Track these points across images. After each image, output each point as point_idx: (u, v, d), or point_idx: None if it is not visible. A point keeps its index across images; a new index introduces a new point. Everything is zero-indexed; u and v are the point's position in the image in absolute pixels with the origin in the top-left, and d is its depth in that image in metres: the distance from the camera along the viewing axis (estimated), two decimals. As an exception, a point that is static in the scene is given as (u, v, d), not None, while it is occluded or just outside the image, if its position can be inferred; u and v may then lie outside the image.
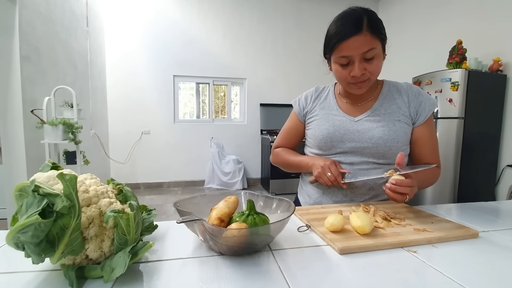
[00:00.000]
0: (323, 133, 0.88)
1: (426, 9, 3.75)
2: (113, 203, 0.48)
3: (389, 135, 0.83)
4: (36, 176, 0.47)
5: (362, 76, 0.79)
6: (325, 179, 0.78)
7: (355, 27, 0.75)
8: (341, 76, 0.82)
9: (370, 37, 0.75)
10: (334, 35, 0.78)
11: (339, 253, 0.54)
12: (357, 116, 0.88)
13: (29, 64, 2.27)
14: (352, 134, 0.86)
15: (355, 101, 0.91)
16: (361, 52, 0.76)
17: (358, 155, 0.86)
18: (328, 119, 0.90)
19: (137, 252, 0.44)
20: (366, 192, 0.88)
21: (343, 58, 0.78)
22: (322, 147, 0.89)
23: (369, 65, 0.78)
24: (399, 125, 0.85)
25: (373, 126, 0.85)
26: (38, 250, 0.39)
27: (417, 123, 0.87)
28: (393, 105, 0.87)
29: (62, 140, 2.12)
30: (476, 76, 2.65)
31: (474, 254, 0.56)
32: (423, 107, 0.86)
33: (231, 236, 0.47)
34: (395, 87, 0.91)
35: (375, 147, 0.83)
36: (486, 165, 2.83)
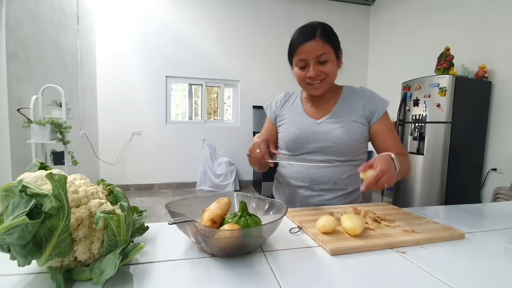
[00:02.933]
0: (290, 136, 0.98)
1: (416, 17, 3.85)
2: (104, 204, 0.47)
3: (347, 134, 0.93)
4: (23, 176, 0.46)
5: (317, 77, 0.90)
6: (254, 154, 0.83)
7: (310, 34, 0.88)
8: (299, 77, 0.93)
9: (322, 43, 0.87)
10: (293, 41, 0.91)
11: (330, 254, 0.54)
12: (320, 118, 0.98)
13: (16, 62, 2.21)
14: (316, 135, 0.95)
15: (318, 104, 1.01)
16: (315, 55, 0.87)
17: (322, 154, 0.95)
18: (294, 122, 1.00)
19: (127, 253, 0.44)
20: (331, 187, 0.96)
21: (300, 61, 0.90)
22: (290, 148, 0.99)
23: (323, 67, 0.89)
24: (356, 125, 0.95)
25: (333, 127, 0.94)
26: (25, 252, 0.38)
27: (373, 121, 0.97)
28: (351, 107, 0.97)
29: (49, 140, 2.07)
30: (463, 82, 2.72)
31: (461, 254, 0.57)
32: (376, 107, 0.97)
33: (223, 237, 0.47)
34: (353, 91, 1.02)
35: (336, 146, 0.93)
36: (472, 168, 2.91)
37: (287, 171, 1.01)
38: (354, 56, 4.83)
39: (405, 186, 3.14)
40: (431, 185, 2.84)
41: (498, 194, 2.60)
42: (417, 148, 2.96)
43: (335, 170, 0.94)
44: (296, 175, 0.98)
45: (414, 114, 3.01)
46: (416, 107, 2.99)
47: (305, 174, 0.96)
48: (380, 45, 4.64)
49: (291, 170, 0.99)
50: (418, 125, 2.93)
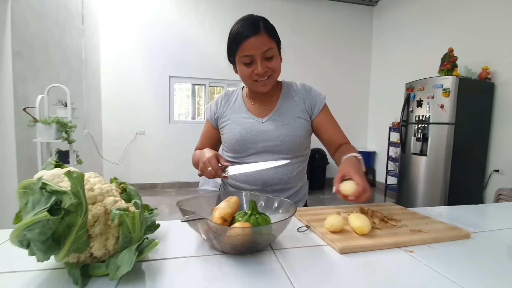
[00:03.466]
0: (236, 137, 0.94)
1: (419, 18, 3.84)
2: (118, 201, 0.48)
3: (293, 131, 0.92)
4: (40, 173, 0.47)
5: (265, 73, 0.86)
6: (207, 173, 0.80)
7: (254, 29, 0.84)
8: (245, 74, 0.88)
9: (267, 38, 0.84)
10: (237, 36, 0.85)
11: (339, 253, 0.55)
12: (264, 117, 0.96)
13: (21, 61, 2.23)
14: (262, 134, 0.93)
15: (260, 102, 0.99)
16: (261, 51, 0.84)
17: (271, 153, 0.93)
18: (239, 123, 0.96)
19: (142, 250, 0.45)
20: (283, 186, 0.95)
21: (246, 57, 0.85)
22: (237, 150, 0.95)
23: (269, 63, 0.86)
24: (299, 121, 0.94)
25: (278, 125, 0.93)
26: (45, 247, 0.39)
27: (314, 115, 0.97)
28: (292, 103, 0.97)
29: (55, 139, 2.08)
30: (466, 83, 2.72)
31: (467, 253, 0.58)
32: (315, 101, 0.97)
33: (235, 235, 0.48)
34: (291, 87, 1.01)
35: (283, 144, 0.92)
36: (475, 169, 2.90)
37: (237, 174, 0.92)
38: (357, 56, 4.83)
39: (408, 187, 3.14)
40: (434, 186, 2.84)
41: (500, 196, 2.60)
42: (420, 149, 2.96)
43: (285, 169, 0.93)
44: (246, 178, 0.93)
45: (417, 115, 3.01)
46: (420, 108, 2.99)
47: (257, 177, 0.92)
48: (383, 46, 4.63)
49: (242, 174, 0.91)
50: (422, 126, 2.93)
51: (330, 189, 4.50)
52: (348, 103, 4.84)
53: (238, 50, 0.85)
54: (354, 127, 4.88)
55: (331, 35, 4.67)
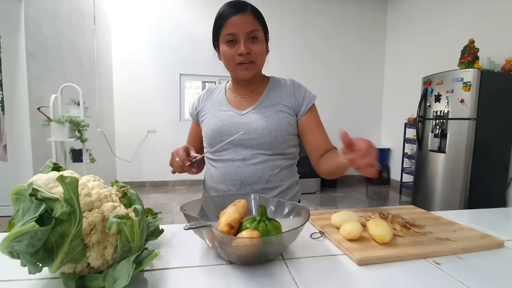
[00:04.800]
0: (212, 129, 0.89)
1: (436, 8, 3.66)
2: (117, 207, 0.45)
3: (273, 124, 0.86)
4: (35, 177, 0.44)
5: (248, 56, 0.82)
6: (175, 165, 0.77)
7: (240, 7, 0.81)
8: (228, 56, 0.83)
9: (252, 18, 0.82)
10: (221, 15, 0.83)
11: (357, 264, 0.50)
12: (245, 109, 0.91)
13: (36, 62, 2.27)
14: (239, 126, 0.87)
15: (243, 94, 0.93)
16: (246, 30, 0.80)
17: (248, 148, 0.86)
18: (216, 115, 0.92)
19: (141, 261, 0.41)
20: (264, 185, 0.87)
21: (229, 36, 0.81)
22: (212, 143, 0.89)
23: (253, 46, 0.82)
24: (282, 115, 0.88)
25: (258, 117, 0.87)
26: (35, 259, 0.36)
27: (301, 113, 0.90)
28: (277, 97, 0.91)
29: (68, 138, 2.11)
30: (489, 76, 2.57)
31: (501, 265, 0.52)
32: (304, 98, 0.91)
33: (242, 245, 0.44)
34: (279, 82, 0.96)
35: (261, 137, 0.85)
36: (498, 167, 2.75)
37: (213, 174, 0.91)
38: (370, 50, 4.68)
39: (425, 185, 3.01)
40: (453, 185, 2.71)
41: (527, 195, 2.44)
42: (438, 146, 2.83)
43: (265, 165, 0.85)
44: (224, 177, 0.87)
45: (435, 110, 2.88)
46: (438, 103, 2.86)
47: (234, 175, 0.86)
48: (398, 39, 4.46)
49: (218, 173, 0.89)
50: (440, 121, 2.80)
51: (342, 186, 4.40)
52: (361, 99, 4.71)
53: (221, 29, 0.82)
54: (367, 123, 4.75)
55: (342, 29, 4.54)
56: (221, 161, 0.88)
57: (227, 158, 0.87)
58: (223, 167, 0.88)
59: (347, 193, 4.07)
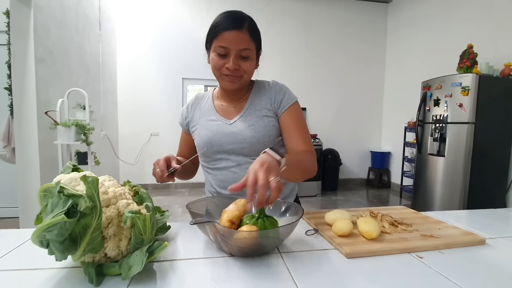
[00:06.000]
0: (204, 140, 0.91)
1: (436, 13, 3.72)
2: (130, 204, 0.50)
3: (260, 131, 0.87)
4: (59, 177, 0.50)
5: (235, 71, 0.83)
6: (156, 176, 0.79)
7: (238, 23, 0.81)
8: (216, 65, 0.85)
9: (248, 37, 0.82)
10: (218, 24, 0.83)
11: (347, 257, 0.55)
12: (232, 118, 0.92)
13: (44, 67, 2.34)
14: (228, 136, 0.89)
15: (230, 102, 0.95)
16: (239, 48, 0.81)
17: (240, 155, 0.89)
18: (206, 126, 0.93)
19: (153, 251, 0.47)
20: None
21: (221, 48, 0.82)
22: (205, 154, 0.91)
23: (243, 63, 0.83)
24: (267, 120, 0.89)
25: (245, 126, 0.89)
26: (62, 247, 0.42)
27: (279, 113, 0.91)
28: (262, 102, 0.92)
29: (74, 141, 2.17)
30: (487, 81, 2.61)
31: (481, 261, 0.56)
32: (284, 99, 0.91)
33: (242, 238, 0.49)
34: (263, 85, 0.96)
35: (251, 146, 0.87)
36: (497, 171, 2.78)
37: (212, 181, 0.93)
38: (371, 55, 4.74)
39: (425, 189, 3.05)
40: (453, 188, 2.74)
41: (525, 198, 2.47)
42: (437, 149, 2.87)
43: None
44: (223, 184, 0.89)
45: (434, 115, 2.92)
46: (437, 107, 2.90)
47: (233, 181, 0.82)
48: (398, 44, 4.52)
49: (217, 179, 0.91)
50: (439, 125, 2.84)
51: (343, 190, 4.44)
52: (362, 102, 4.76)
53: (215, 38, 0.82)
54: (368, 127, 4.79)
55: (343, 33, 4.60)
56: (217, 169, 0.90)
57: (223, 166, 0.89)
58: (220, 174, 0.90)
59: (347, 197, 4.11)
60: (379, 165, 4.59)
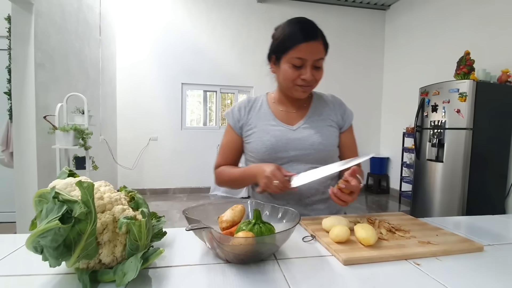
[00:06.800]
0: (266, 145, 0.88)
1: (433, 20, 3.77)
2: (126, 210, 0.50)
3: (327, 139, 0.89)
4: (54, 183, 0.49)
5: (310, 81, 0.83)
6: (273, 188, 0.76)
7: (313, 33, 0.81)
8: (290, 77, 0.83)
9: (322, 46, 0.83)
10: (294, 35, 0.81)
11: (343, 264, 0.55)
12: (294, 124, 0.92)
13: (43, 72, 2.35)
14: (293, 142, 0.88)
15: (290, 108, 0.95)
16: (316, 58, 0.81)
17: (303, 162, 0.88)
18: (267, 131, 0.90)
19: (148, 257, 0.46)
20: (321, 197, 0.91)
21: (298, 60, 0.81)
22: (266, 159, 0.89)
23: (316, 72, 0.84)
24: (332, 130, 0.92)
25: (311, 132, 0.90)
26: (56, 254, 0.41)
27: (343, 129, 0.96)
28: (324, 112, 0.95)
29: (72, 146, 2.17)
30: (484, 87, 2.63)
31: (478, 268, 0.56)
32: (347, 115, 0.97)
33: (238, 244, 0.49)
34: (321, 97, 0.99)
35: (317, 153, 0.88)
36: (496, 177, 2.78)
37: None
38: (369, 61, 4.78)
39: (423, 195, 3.04)
40: (452, 194, 2.74)
41: (524, 204, 2.47)
42: (436, 155, 2.87)
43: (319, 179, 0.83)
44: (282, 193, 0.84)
45: (432, 120, 2.94)
46: (435, 113, 2.92)
47: (293, 191, 0.84)
48: (396, 50, 4.56)
49: None
50: (437, 131, 2.85)
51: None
52: (360, 108, 4.77)
53: (291, 50, 0.81)
54: (367, 132, 4.80)
55: (342, 40, 4.65)
56: None
57: None
58: None
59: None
60: (378, 170, 4.59)
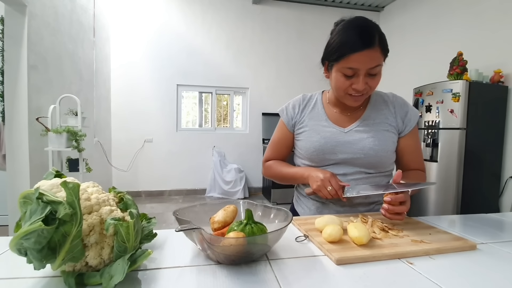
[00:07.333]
0: (315, 145, 0.88)
1: (427, 22, 3.80)
2: (114, 211, 0.49)
3: (379, 145, 0.84)
4: (40, 183, 0.48)
5: (363, 90, 0.79)
6: (325, 192, 0.76)
7: (369, 41, 0.74)
8: (341, 86, 0.80)
9: (379, 53, 0.76)
10: (346, 44, 0.75)
11: (336, 264, 0.54)
12: (347, 126, 0.89)
13: (36, 73, 2.32)
14: (343, 145, 0.86)
15: (344, 110, 0.91)
16: (369, 67, 0.76)
17: (350, 165, 0.86)
18: (318, 131, 0.89)
19: (136, 259, 0.45)
20: (363, 200, 0.89)
21: (349, 70, 0.77)
22: (314, 159, 0.89)
23: (371, 80, 0.78)
24: (388, 134, 0.86)
25: (363, 136, 0.85)
26: (40, 256, 0.40)
27: (403, 133, 0.89)
28: (381, 115, 0.89)
29: (65, 148, 2.15)
30: (477, 87, 2.66)
31: (471, 266, 0.56)
32: (408, 118, 0.89)
33: (228, 245, 0.48)
34: (382, 98, 0.93)
35: (367, 158, 0.84)
36: (489, 176, 2.81)
37: None
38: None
39: (418, 194, 3.06)
40: (446, 194, 2.76)
41: (517, 203, 2.50)
42: (430, 155, 2.89)
43: (366, 182, 0.86)
44: None
45: (426, 120, 2.96)
46: (429, 113, 2.94)
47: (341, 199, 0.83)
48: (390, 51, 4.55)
49: None
50: (431, 131, 2.87)
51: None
52: (356, 109, 4.80)
53: (342, 59, 0.76)
54: (363, 133, 4.82)
55: (337, 42, 4.66)
56: None
57: None
58: None
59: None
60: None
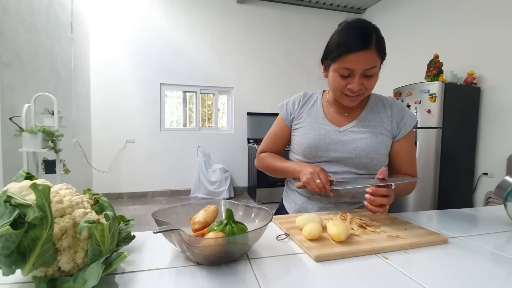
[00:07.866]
0: (309, 141, 0.90)
1: (406, 25, 3.94)
2: (88, 213, 0.47)
3: (372, 147, 0.85)
4: (9, 186, 0.46)
5: (358, 91, 0.80)
6: (313, 185, 0.79)
7: (365, 42, 0.75)
8: (337, 86, 0.82)
9: (375, 54, 0.77)
10: (343, 44, 0.77)
11: (315, 261, 0.55)
12: (343, 126, 0.90)
13: (10, 71, 2.21)
14: (336, 144, 0.88)
15: (342, 110, 0.93)
16: (365, 68, 0.77)
17: (341, 164, 0.88)
18: (314, 128, 0.91)
19: (111, 263, 0.44)
20: (349, 199, 0.91)
21: (345, 70, 0.79)
22: (307, 155, 0.91)
23: (367, 81, 0.80)
24: (382, 137, 0.88)
25: (357, 137, 0.87)
26: (9, 261, 0.38)
27: (398, 137, 0.90)
28: (377, 118, 0.90)
29: (41, 149, 2.05)
30: (452, 88, 2.79)
31: (443, 259, 0.58)
32: (404, 122, 0.90)
33: (207, 245, 0.48)
34: (381, 101, 0.95)
35: (358, 158, 0.86)
36: (464, 173, 2.95)
37: None
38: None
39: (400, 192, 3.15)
40: (424, 191, 2.87)
41: (489, 199, 2.63)
42: (409, 153, 2.99)
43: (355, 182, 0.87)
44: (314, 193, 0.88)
45: (405, 120, 3.06)
46: (408, 113, 3.04)
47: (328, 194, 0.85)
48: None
49: None
50: (410, 130, 2.98)
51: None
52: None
53: (338, 59, 0.78)
54: (346, 133, 4.92)
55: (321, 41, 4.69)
56: None
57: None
58: None
59: None
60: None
